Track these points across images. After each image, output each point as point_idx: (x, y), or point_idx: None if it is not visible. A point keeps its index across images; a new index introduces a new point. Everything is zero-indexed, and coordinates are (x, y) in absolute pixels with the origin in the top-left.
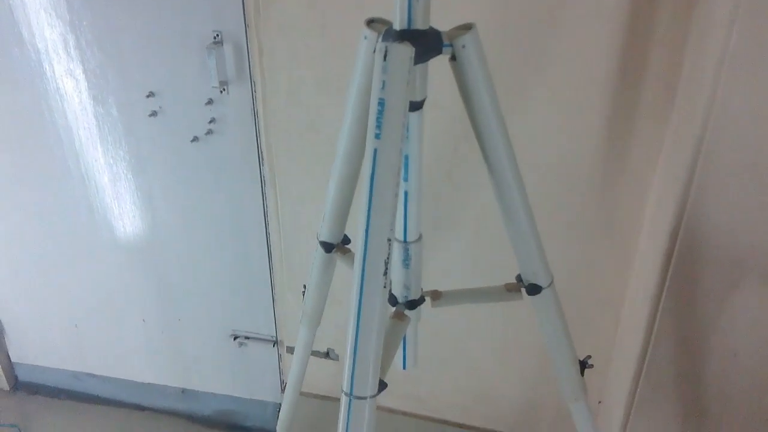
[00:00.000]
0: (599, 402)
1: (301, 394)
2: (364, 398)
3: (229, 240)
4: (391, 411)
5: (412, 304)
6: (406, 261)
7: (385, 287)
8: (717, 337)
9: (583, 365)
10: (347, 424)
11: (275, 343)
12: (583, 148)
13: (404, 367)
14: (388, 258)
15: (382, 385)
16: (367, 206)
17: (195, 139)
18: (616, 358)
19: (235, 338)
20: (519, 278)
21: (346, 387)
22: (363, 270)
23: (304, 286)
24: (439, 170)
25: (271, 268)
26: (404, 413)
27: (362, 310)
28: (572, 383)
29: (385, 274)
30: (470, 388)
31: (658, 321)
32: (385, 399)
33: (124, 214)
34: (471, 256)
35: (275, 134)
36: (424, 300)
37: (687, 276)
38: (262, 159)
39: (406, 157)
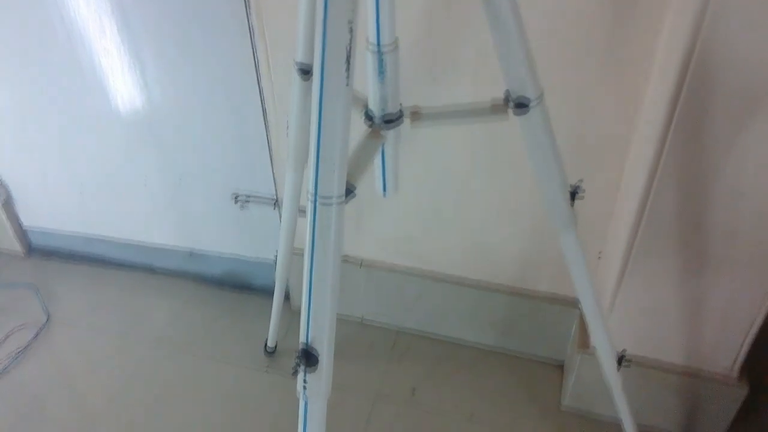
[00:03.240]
0: (599, 254)
1: (297, 252)
2: (330, 202)
3: (222, 98)
4: (392, 269)
5: (390, 121)
6: (381, 71)
7: (348, 85)
8: (723, 177)
9: (574, 194)
10: (313, 228)
11: (276, 202)
12: None
13: (384, 193)
14: (349, 46)
15: (350, 191)
16: None
17: None
18: (618, 208)
19: (236, 199)
20: (506, 96)
21: (310, 189)
22: (323, 61)
23: (287, 125)
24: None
25: (266, 126)
26: (405, 270)
27: (324, 107)
28: (561, 212)
29: (348, 69)
30: (471, 244)
31: (663, 162)
32: (387, 256)
33: (117, 79)
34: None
35: None
36: (402, 117)
37: (695, 115)
38: (249, 8)
39: None
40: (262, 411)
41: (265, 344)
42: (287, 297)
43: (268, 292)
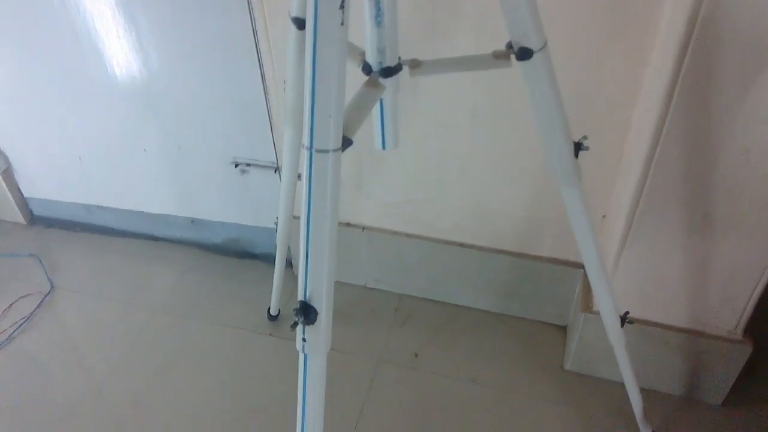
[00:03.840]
0: (603, 216)
1: (297, 217)
2: (326, 151)
3: (219, 63)
4: (394, 234)
5: (388, 72)
6: (377, 17)
7: (342, 24)
8: (731, 133)
9: (578, 147)
10: (310, 180)
11: (276, 169)
12: None
13: (383, 147)
14: None
15: (347, 142)
16: None
17: None
18: (623, 168)
19: (236, 165)
20: (509, 46)
21: (306, 140)
22: (316, 1)
23: (284, 82)
24: None
25: (265, 91)
26: (407, 235)
27: (318, 51)
28: (565, 166)
29: (342, 6)
30: (473, 208)
31: (670, 118)
32: (387, 221)
33: (113, 44)
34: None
35: None
36: (401, 67)
37: (704, 68)
38: None
39: None
40: (266, 375)
41: (268, 310)
42: (290, 264)
43: (270, 259)
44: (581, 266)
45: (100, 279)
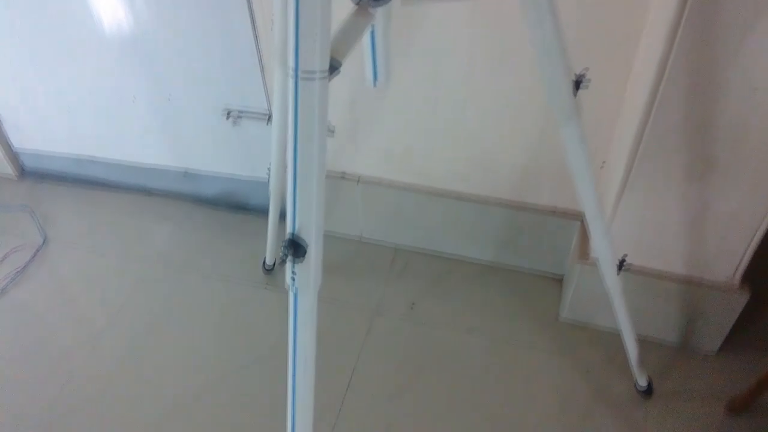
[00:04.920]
0: (602, 164)
1: None
2: (313, 77)
3: (208, 8)
4: (390, 185)
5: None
6: None
7: None
8: (736, 70)
9: (578, 83)
10: (296, 106)
11: (269, 118)
12: None
13: (374, 82)
14: None
15: (335, 67)
16: None
17: None
18: (624, 114)
19: (228, 115)
20: None
21: (291, 63)
22: None
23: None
24: None
25: (256, 37)
26: (403, 186)
27: None
28: (564, 102)
29: None
30: (470, 157)
31: (672, 58)
32: (384, 172)
33: None
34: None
35: None
36: None
37: (708, 5)
38: None
39: None
40: (262, 326)
41: (263, 263)
42: (284, 217)
43: (264, 212)
44: (578, 216)
45: (94, 232)
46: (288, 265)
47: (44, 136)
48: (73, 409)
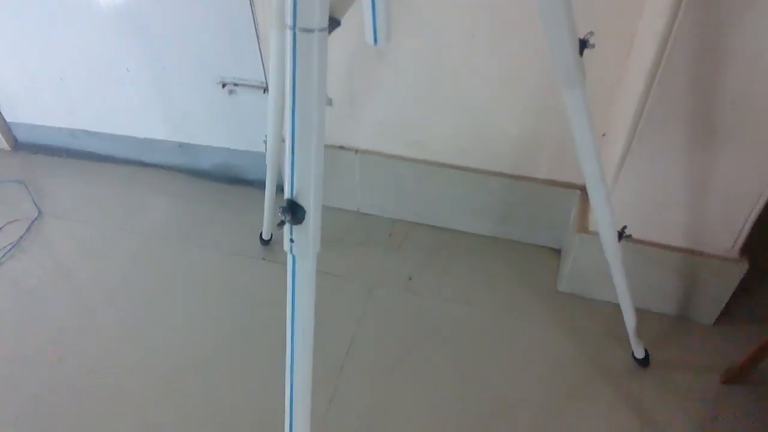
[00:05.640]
0: (603, 134)
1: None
2: (311, 30)
3: None
4: (388, 156)
5: None
6: None
7: None
8: (742, 36)
9: (583, 44)
10: (294, 64)
11: (265, 89)
12: None
13: (375, 42)
14: None
15: (334, 23)
16: None
17: None
18: (627, 84)
19: (224, 85)
20: None
21: (289, 19)
22: None
23: None
24: None
25: (252, 5)
26: (402, 158)
27: None
28: (569, 65)
29: None
30: (469, 129)
31: (678, 23)
32: (382, 144)
33: None
34: None
35: None
36: None
37: None
38: None
39: None
40: (260, 298)
41: (261, 235)
42: (281, 189)
43: (261, 185)
44: (578, 187)
45: (89, 205)
46: (286, 230)
47: (38, 108)
48: (68, 383)
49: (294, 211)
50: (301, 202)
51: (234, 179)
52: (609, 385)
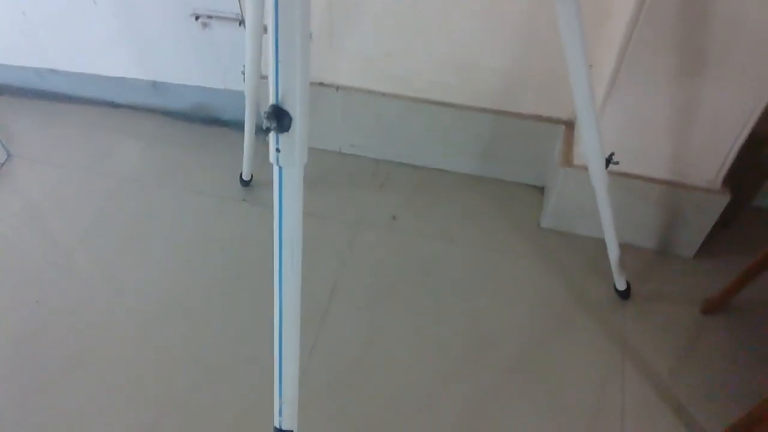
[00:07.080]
0: (590, 66)
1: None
2: None
3: None
4: (370, 92)
5: None
6: None
7: None
8: None
9: None
10: None
11: (241, 21)
12: None
13: None
14: None
15: None
16: None
17: None
18: (614, 7)
19: (197, 18)
20: None
21: None
22: None
23: None
24: None
25: None
26: (385, 94)
27: None
28: None
29: None
30: (453, 62)
31: None
32: (364, 80)
33: None
34: None
35: None
36: None
37: None
38: None
39: None
40: (240, 241)
41: (240, 176)
42: (261, 130)
43: (239, 125)
44: (562, 122)
45: (60, 147)
46: (272, 137)
47: (0, 46)
48: (44, 329)
49: (279, 118)
50: (287, 107)
51: (210, 120)
52: (591, 318)
